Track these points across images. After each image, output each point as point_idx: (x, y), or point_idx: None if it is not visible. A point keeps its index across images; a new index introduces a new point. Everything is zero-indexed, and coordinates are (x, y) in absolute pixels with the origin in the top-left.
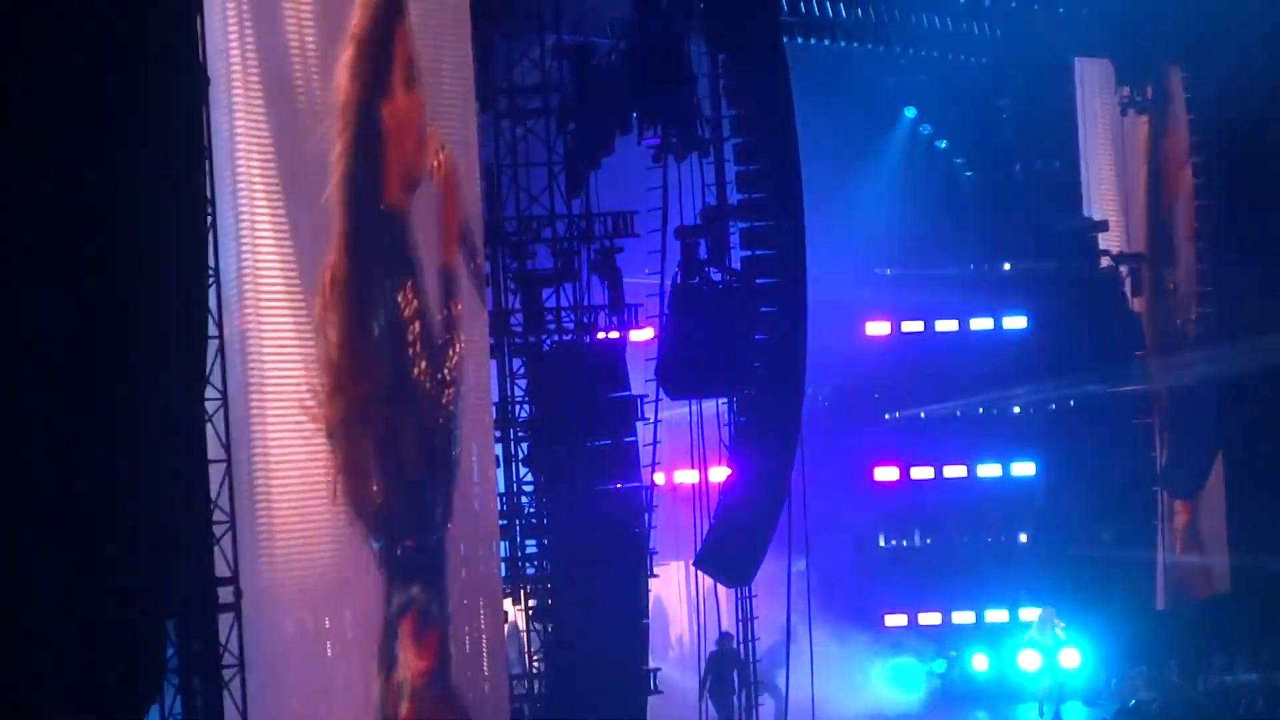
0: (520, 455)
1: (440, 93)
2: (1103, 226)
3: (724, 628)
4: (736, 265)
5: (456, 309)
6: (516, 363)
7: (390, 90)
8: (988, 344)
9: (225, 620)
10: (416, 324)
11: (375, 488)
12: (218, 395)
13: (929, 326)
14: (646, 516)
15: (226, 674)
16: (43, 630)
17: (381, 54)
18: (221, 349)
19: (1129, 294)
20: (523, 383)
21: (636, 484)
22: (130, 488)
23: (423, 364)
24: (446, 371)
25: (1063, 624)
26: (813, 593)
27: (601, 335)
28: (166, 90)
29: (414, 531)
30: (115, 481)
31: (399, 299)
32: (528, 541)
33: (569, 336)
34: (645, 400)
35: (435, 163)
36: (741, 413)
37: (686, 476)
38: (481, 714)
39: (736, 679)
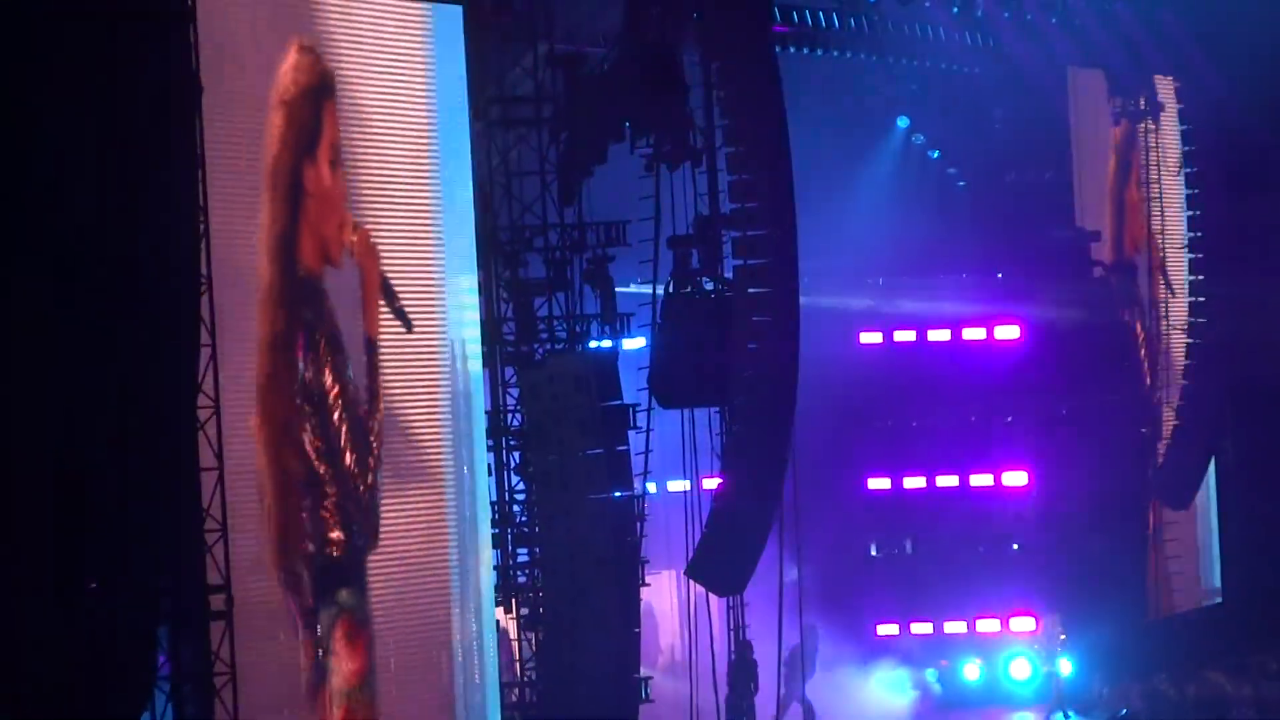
0: (512, 464)
1: (431, 102)
2: (1095, 236)
3: (741, 638)
4: (729, 274)
5: (378, 382)
6: (508, 371)
7: (316, 162)
8: (980, 354)
9: (217, 628)
10: (337, 388)
11: (301, 545)
12: (210, 403)
13: (921, 336)
14: (638, 525)
15: (218, 682)
16: (34, 636)
17: (312, 124)
18: (214, 357)
19: (1121, 304)
20: (514, 391)
21: (628, 493)
22: (122, 495)
23: (344, 428)
24: (373, 440)
25: (1064, 634)
26: (805, 602)
27: (594, 344)
28: (160, 96)
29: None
30: (107, 488)
31: (318, 361)
32: (519, 550)
33: (561, 345)
34: (637, 409)
35: (352, 240)
36: (733, 422)
37: (678, 485)
38: None
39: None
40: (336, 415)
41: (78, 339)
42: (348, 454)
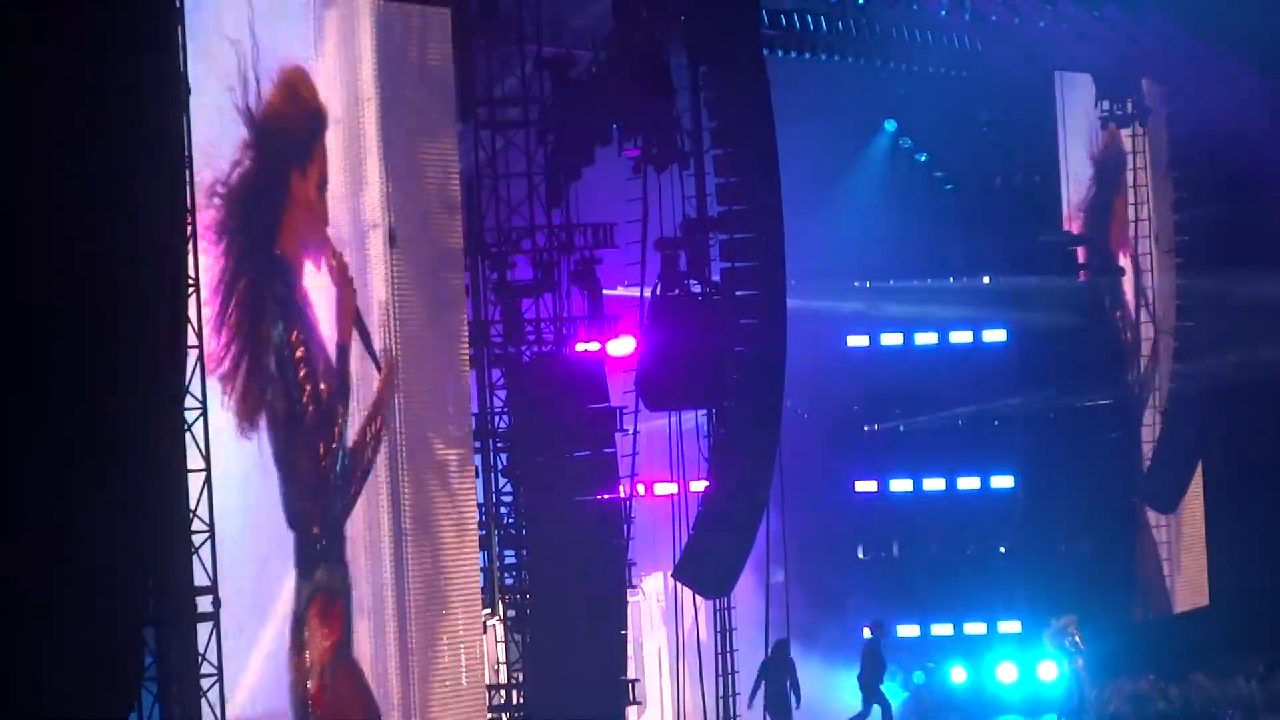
0: (499, 465)
1: (421, 104)
2: (1082, 240)
3: (778, 637)
4: (716, 277)
5: (349, 370)
6: (496, 373)
7: (306, 179)
8: (967, 357)
9: (204, 629)
10: (304, 367)
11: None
12: (197, 404)
13: (908, 339)
14: (625, 528)
15: (205, 683)
16: (21, 637)
17: (305, 135)
18: (201, 358)
19: (1108, 307)
20: (502, 393)
21: (615, 495)
22: (110, 496)
23: (311, 406)
24: (340, 408)
25: (1078, 633)
26: (791, 604)
27: (581, 346)
28: (148, 98)
29: (319, 522)
30: (95, 489)
31: (289, 338)
32: (507, 551)
33: (549, 347)
34: (624, 412)
35: (332, 263)
36: (721, 424)
37: (665, 488)
38: None
39: (789, 686)
40: (304, 390)
41: (65, 340)
42: (310, 409)
